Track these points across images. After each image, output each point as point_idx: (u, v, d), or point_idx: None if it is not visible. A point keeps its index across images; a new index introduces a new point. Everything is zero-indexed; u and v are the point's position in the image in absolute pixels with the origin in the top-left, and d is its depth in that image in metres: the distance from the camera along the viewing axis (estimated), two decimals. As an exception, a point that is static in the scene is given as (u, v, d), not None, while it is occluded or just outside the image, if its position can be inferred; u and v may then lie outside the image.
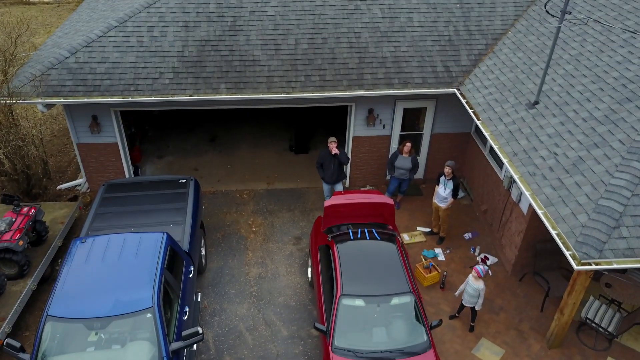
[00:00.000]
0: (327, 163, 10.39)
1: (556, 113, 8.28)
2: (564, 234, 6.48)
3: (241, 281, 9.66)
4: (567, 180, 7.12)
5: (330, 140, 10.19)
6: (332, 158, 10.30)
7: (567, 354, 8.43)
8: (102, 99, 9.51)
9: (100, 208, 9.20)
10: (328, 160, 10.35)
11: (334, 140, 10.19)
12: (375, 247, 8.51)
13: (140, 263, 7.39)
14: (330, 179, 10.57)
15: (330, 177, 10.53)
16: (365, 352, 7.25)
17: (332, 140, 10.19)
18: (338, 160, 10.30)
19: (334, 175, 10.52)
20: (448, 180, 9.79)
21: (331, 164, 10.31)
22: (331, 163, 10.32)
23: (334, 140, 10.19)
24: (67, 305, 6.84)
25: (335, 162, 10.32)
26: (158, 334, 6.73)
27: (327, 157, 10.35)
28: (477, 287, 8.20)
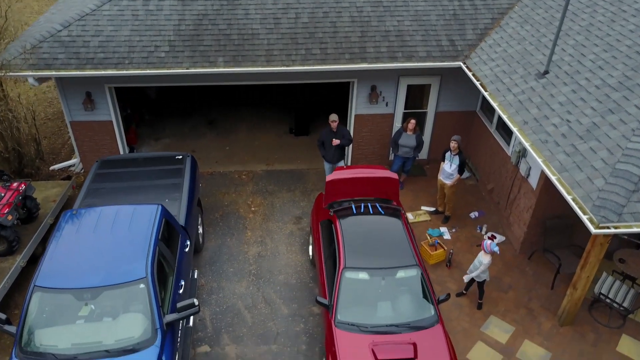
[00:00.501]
0: (328, 142, 10.06)
1: (567, 82, 7.96)
2: (580, 198, 6.15)
3: (240, 260, 9.31)
4: (582, 146, 6.80)
5: (332, 118, 9.86)
6: (333, 136, 9.97)
7: (579, 332, 8.09)
8: (96, 71, 9.16)
9: (93, 184, 8.85)
10: (329, 138, 10.02)
11: (335, 119, 9.85)
12: (379, 221, 8.17)
13: (134, 234, 7.04)
14: (331, 158, 10.24)
15: (332, 156, 10.20)
16: (370, 326, 6.91)
17: (333, 119, 9.86)
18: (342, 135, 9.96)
19: (335, 154, 10.18)
20: (454, 155, 9.46)
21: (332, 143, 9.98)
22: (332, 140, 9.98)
23: (334, 120, 9.85)
24: (55, 276, 6.50)
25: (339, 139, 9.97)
26: (151, 305, 6.39)
27: (329, 136, 10.02)
28: (481, 261, 7.87)
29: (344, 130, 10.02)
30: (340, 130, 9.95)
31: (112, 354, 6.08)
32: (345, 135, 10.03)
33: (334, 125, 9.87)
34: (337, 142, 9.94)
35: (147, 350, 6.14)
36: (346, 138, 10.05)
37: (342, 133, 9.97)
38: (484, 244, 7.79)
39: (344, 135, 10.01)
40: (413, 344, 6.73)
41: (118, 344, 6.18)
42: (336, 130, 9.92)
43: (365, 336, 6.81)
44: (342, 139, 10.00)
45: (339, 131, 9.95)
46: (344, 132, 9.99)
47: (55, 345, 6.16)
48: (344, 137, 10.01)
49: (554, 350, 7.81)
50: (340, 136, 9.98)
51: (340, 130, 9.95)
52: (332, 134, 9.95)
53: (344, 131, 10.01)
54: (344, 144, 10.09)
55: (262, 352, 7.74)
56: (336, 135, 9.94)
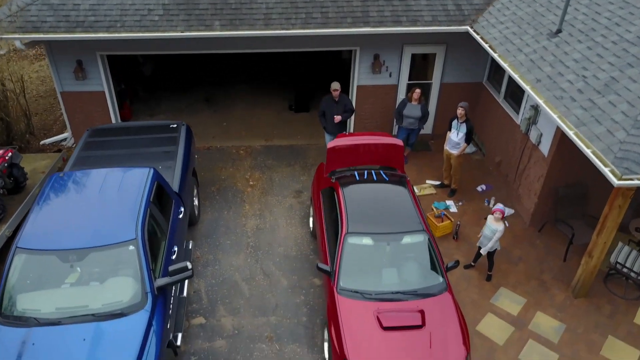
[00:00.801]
0: (329, 112, 9.63)
1: (582, 39, 7.55)
2: (600, 151, 5.74)
3: (237, 232, 8.90)
4: (600, 100, 6.38)
5: (333, 87, 9.43)
6: (335, 106, 9.54)
7: (595, 303, 7.68)
8: (86, 34, 8.73)
9: (82, 152, 8.43)
10: (331, 108, 9.59)
11: (337, 88, 9.41)
12: (383, 187, 7.76)
13: (123, 196, 6.63)
14: (333, 129, 9.81)
15: (333, 126, 9.77)
16: (375, 293, 6.49)
17: (335, 87, 9.43)
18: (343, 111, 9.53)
19: (336, 125, 9.76)
20: (461, 123, 9.04)
21: (334, 111, 9.55)
22: (334, 111, 9.56)
23: (336, 89, 9.40)
24: (39, 237, 6.08)
25: (339, 111, 9.57)
26: (141, 268, 5.97)
27: (330, 105, 9.60)
28: (495, 229, 7.46)
29: (346, 99, 9.60)
30: (342, 100, 9.53)
31: (99, 318, 5.66)
32: (347, 105, 9.60)
33: (336, 94, 9.45)
34: (339, 119, 9.51)
35: (136, 314, 5.72)
36: (348, 109, 9.63)
37: (343, 102, 9.55)
38: (498, 207, 7.38)
39: (346, 105, 9.59)
40: (420, 311, 6.33)
41: (105, 308, 5.76)
42: (338, 100, 9.50)
43: (370, 303, 6.40)
44: (343, 110, 9.57)
45: (341, 100, 9.53)
46: (345, 102, 9.57)
47: (38, 310, 5.75)
48: (345, 107, 9.58)
49: (568, 322, 7.40)
50: (342, 106, 9.56)
51: (342, 100, 9.53)
52: (334, 104, 9.53)
53: (346, 100, 9.59)
54: (346, 117, 9.67)
55: (260, 323, 7.33)
56: (338, 104, 9.52)
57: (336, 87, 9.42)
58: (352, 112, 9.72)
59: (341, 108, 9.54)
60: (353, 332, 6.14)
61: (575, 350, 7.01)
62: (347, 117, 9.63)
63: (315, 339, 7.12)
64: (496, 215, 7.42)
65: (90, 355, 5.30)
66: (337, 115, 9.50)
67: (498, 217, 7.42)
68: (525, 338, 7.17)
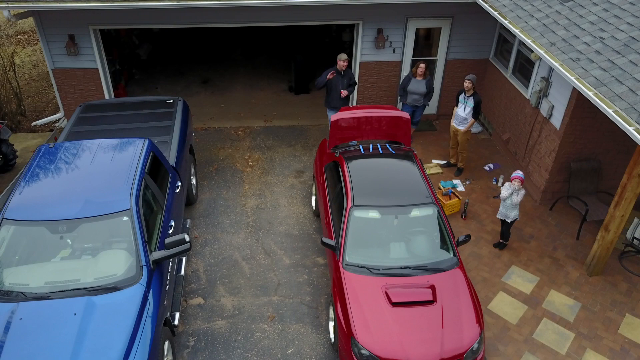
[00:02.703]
0: (333, 83, 9.15)
1: (597, 2, 7.20)
2: (623, 110, 5.40)
3: (237, 212, 8.54)
4: (620, 60, 6.04)
5: (341, 57, 8.87)
6: (340, 79, 9.11)
7: (610, 281, 7.36)
8: (77, 4, 8.34)
9: (75, 127, 8.06)
10: (335, 80, 9.13)
11: (345, 58, 8.89)
12: (389, 161, 7.41)
13: (117, 166, 6.27)
14: (337, 103, 9.38)
15: (337, 101, 9.32)
16: (382, 268, 6.15)
17: (343, 58, 8.87)
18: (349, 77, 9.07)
19: (340, 100, 9.36)
20: (468, 97, 8.69)
21: (338, 85, 9.13)
22: (338, 83, 9.13)
23: (345, 59, 8.89)
24: (27, 207, 5.71)
25: (344, 83, 9.10)
26: (136, 240, 5.62)
27: (335, 78, 9.14)
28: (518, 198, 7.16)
29: (350, 73, 9.21)
30: (347, 74, 9.15)
31: (91, 292, 5.31)
32: (352, 78, 9.20)
33: (344, 65, 8.95)
34: (345, 94, 9.11)
35: (131, 288, 5.36)
36: (353, 82, 9.22)
37: (349, 76, 9.16)
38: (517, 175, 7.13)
39: (351, 78, 9.18)
40: (431, 286, 5.99)
41: (98, 281, 5.41)
42: (344, 73, 9.10)
43: (378, 279, 6.06)
44: (348, 84, 9.17)
45: (346, 74, 9.13)
46: (350, 75, 9.18)
47: (26, 284, 5.38)
48: (350, 80, 9.17)
49: (584, 300, 7.08)
50: (347, 79, 9.13)
51: (347, 74, 9.15)
52: (339, 77, 9.13)
53: (350, 74, 9.20)
54: (351, 92, 9.26)
55: (262, 303, 6.98)
56: (343, 78, 9.13)
57: (344, 58, 8.92)
58: (355, 85, 9.33)
59: (346, 81, 9.15)
60: (360, 308, 5.80)
61: (592, 328, 6.69)
62: (351, 92, 9.25)
63: (319, 318, 6.78)
64: (515, 182, 7.11)
65: (80, 330, 4.95)
66: (344, 90, 9.11)
67: (517, 184, 7.12)
68: (539, 316, 6.85)
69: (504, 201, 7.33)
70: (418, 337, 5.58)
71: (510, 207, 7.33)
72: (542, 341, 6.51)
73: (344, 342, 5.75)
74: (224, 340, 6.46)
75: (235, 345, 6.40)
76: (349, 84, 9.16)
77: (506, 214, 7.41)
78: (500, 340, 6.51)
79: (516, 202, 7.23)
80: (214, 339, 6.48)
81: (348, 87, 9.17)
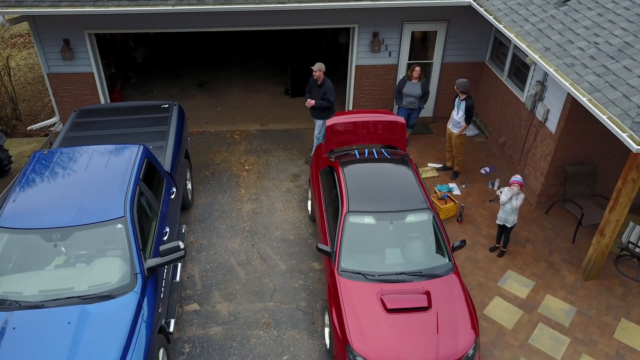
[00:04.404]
0: (314, 92, 9.04)
1: (592, 7, 7.21)
2: (617, 116, 5.40)
3: (233, 216, 8.53)
4: (614, 65, 6.05)
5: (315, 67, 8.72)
6: (316, 89, 8.98)
7: (606, 285, 7.36)
8: (72, 8, 8.32)
9: (70, 132, 8.04)
10: (311, 89, 9.04)
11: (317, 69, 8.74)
12: (385, 166, 7.41)
13: (111, 173, 6.25)
14: (313, 113, 9.26)
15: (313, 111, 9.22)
16: (377, 274, 6.15)
17: (316, 68, 8.73)
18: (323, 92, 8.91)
19: (315, 110, 9.18)
20: (461, 100, 8.69)
21: (318, 95, 8.98)
22: (312, 94, 9.02)
23: (316, 70, 8.74)
24: (21, 215, 5.69)
25: (319, 96, 9.00)
26: (130, 247, 5.60)
27: (311, 87, 9.04)
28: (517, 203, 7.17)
29: (329, 87, 8.89)
30: (324, 84, 8.90)
31: (85, 300, 5.29)
32: (328, 92, 8.87)
33: (317, 75, 8.80)
34: (311, 104, 8.96)
35: (125, 296, 5.34)
36: (327, 97, 8.88)
37: (324, 88, 8.90)
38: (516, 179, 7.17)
39: (326, 92, 8.89)
40: (426, 292, 5.99)
41: (92, 290, 5.39)
42: (320, 83, 8.92)
43: (373, 285, 6.06)
44: (322, 97, 8.90)
45: (324, 84, 8.91)
46: (327, 89, 8.90)
47: (20, 292, 5.36)
48: (325, 94, 8.91)
49: (579, 305, 7.08)
50: (322, 93, 8.92)
51: (324, 84, 8.90)
52: (315, 86, 8.99)
53: (328, 88, 8.89)
54: (322, 105, 8.95)
55: (257, 309, 6.97)
56: (319, 88, 8.96)
57: (317, 68, 8.76)
58: (330, 103, 8.97)
59: (321, 94, 8.93)
60: (355, 315, 5.80)
61: (587, 333, 6.70)
62: (320, 105, 8.98)
63: (315, 324, 6.78)
64: (514, 187, 7.12)
65: (75, 339, 4.93)
66: (311, 100, 8.96)
67: (516, 189, 7.13)
68: (535, 321, 6.85)
69: (504, 206, 7.34)
70: (413, 343, 5.58)
71: (509, 212, 7.33)
72: (537, 346, 6.51)
73: (339, 349, 5.74)
74: (220, 347, 6.45)
75: (231, 352, 6.39)
76: (322, 97, 8.93)
77: (506, 218, 7.41)
78: (496, 346, 6.51)
79: (516, 206, 7.24)
80: (209, 346, 6.47)
81: (319, 100, 8.96)
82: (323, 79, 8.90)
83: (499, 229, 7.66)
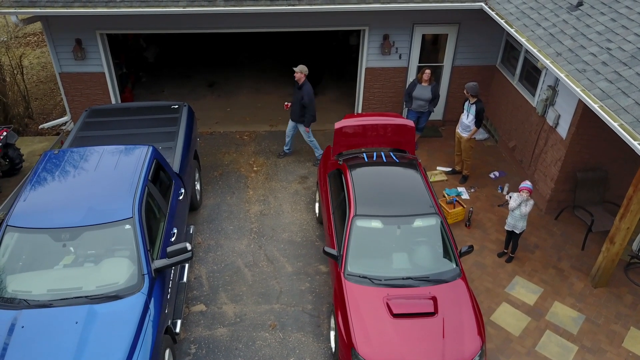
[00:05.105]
0: (294, 95, 9.11)
1: (605, 11, 7.14)
2: (628, 124, 5.34)
3: (240, 218, 8.55)
4: (626, 72, 5.99)
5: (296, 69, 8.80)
6: (296, 90, 9.05)
7: (615, 293, 7.29)
8: (84, 9, 8.39)
9: (80, 132, 8.10)
10: (295, 91, 9.07)
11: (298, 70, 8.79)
12: (393, 169, 7.40)
13: (120, 174, 6.30)
14: (291, 114, 9.33)
15: (294, 113, 9.26)
16: (384, 278, 6.13)
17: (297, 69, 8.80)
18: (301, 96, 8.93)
19: (294, 112, 9.22)
20: (471, 104, 8.64)
21: (297, 98, 9.03)
22: (297, 96, 9.04)
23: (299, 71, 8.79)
24: (31, 215, 5.75)
25: (297, 98, 9.04)
26: (138, 248, 5.64)
27: (294, 89, 9.09)
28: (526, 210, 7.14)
29: (308, 91, 8.89)
30: (303, 87, 8.91)
31: (93, 300, 5.33)
32: (305, 96, 8.87)
33: (297, 77, 8.82)
34: (287, 106, 9.19)
35: (132, 297, 5.38)
36: (304, 100, 8.88)
37: (302, 93, 8.91)
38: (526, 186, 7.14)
39: (303, 97, 8.89)
40: (433, 298, 5.96)
41: (100, 290, 5.43)
42: (300, 86, 8.93)
43: (379, 289, 6.04)
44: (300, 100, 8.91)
45: (303, 87, 8.92)
46: (305, 93, 8.89)
47: (29, 291, 5.42)
48: (302, 99, 8.90)
49: (588, 312, 7.01)
50: (299, 96, 8.95)
51: (303, 87, 8.91)
52: (296, 88, 9.00)
53: (307, 92, 8.88)
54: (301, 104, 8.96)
55: (264, 311, 6.99)
56: (300, 90, 8.94)
57: (298, 70, 8.80)
58: (303, 107, 8.98)
59: (299, 98, 8.94)
60: (361, 319, 5.79)
61: (595, 341, 6.63)
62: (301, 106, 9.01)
63: (320, 327, 6.78)
64: (524, 193, 7.08)
65: (82, 339, 4.97)
66: (288, 103, 9.18)
67: (525, 195, 7.09)
68: (542, 328, 6.80)
69: (512, 212, 7.29)
70: (419, 349, 5.56)
71: (518, 218, 7.29)
72: (544, 354, 6.46)
73: (345, 353, 5.74)
74: (225, 348, 6.47)
75: (237, 354, 6.41)
76: (301, 103, 8.93)
77: (514, 224, 7.36)
78: (503, 353, 6.47)
79: (525, 212, 7.19)
80: (215, 347, 6.49)
81: (301, 101, 8.93)
82: (303, 82, 8.91)
83: (508, 234, 7.62)
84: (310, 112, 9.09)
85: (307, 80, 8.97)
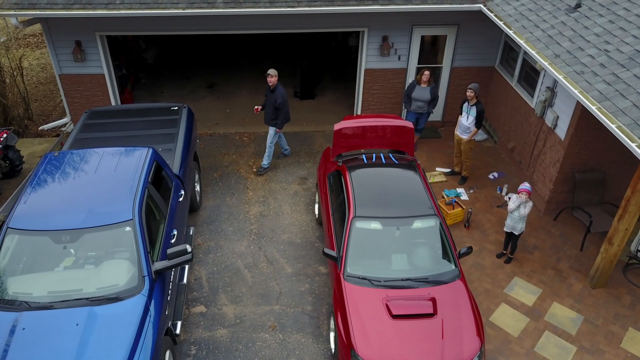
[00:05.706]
0: (267, 98, 9.15)
1: (603, 13, 7.16)
2: (626, 125, 5.37)
3: (240, 219, 8.58)
4: (624, 74, 6.01)
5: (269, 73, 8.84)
6: (268, 94, 9.06)
7: (614, 294, 7.31)
8: (84, 11, 8.41)
9: (80, 134, 8.12)
10: (268, 95, 9.09)
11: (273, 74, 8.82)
12: (392, 171, 7.42)
13: (120, 176, 6.32)
14: (264, 118, 9.35)
15: (265, 116, 9.29)
16: (383, 280, 6.15)
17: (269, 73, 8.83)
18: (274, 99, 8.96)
19: (267, 114, 9.22)
20: (471, 106, 8.66)
21: (270, 101, 9.06)
22: (270, 100, 9.06)
23: (271, 74, 8.82)
24: (31, 217, 5.77)
25: (269, 103, 9.06)
26: (138, 250, 5.66)
27: (267, 92, 9.11)
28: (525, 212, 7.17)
29: (280, 95, 8.91)
30: (276, 90, 8.93)
31: (93, 302, 5.35)
32: (278, 98, 8.90)
33: (269, 80, 8.85)
34: (257, 109, 9.23)
35: (132, 299, 5.40)
36: (277, 103, 8.91)
37: (275, 95, 8.93)
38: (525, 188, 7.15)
39: (276, 100, 8.91)
40: (432, 299, 5.99)
41: (100, 292, 5.45)
42: (273, 89, 8.94)
43: (378, 291, 6.07)
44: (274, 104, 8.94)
45: (276, 91, 8.93)
46: (277, 97, 8.91)
47: (30, 293, 5.44)
48: (275, 102, 8.92)
49: (586, 313, 7.04)
50: (272, 100, 8.97)
51: (276, 90, 8.93)
52: (268, 92, 9.04)
53: (279, 96, 8.91)
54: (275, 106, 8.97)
55: (263, 312, 7.01)
56: (272, 93, 8.97)
57: (273, 73, 8.82)
58: (275, 110, 8.99)
59: (272, 101, 8.96)
60: (361, 320, 5.81)
61: (594, 342, 6.66)
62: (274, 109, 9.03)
63: (320, 328, 6.80)
64: (523, 195, 7.11)
65: (82, 341, 4.99)
66: (258, 107, 9.23)
67: (524, 197, 7.12)
68: (541, 329, 6.82)
69: (511, 213, 7.31)
70: (418, 350, 5.58)
71: (517, 220, 7.31)
72: (543, 354, 6.48)
73: (344, 354, 5.76)
74: (225, 350, 6.49)
75: (237, 355, 6.43)
76: (275, 105, 8.95)
77: (513, 226, 7.39)
78: (502, 353, 6.50)
79: (523, 214, 7.22)
80: (215, 348, 6.51)
81: (274, 104, 8.95)
82: (276, 85, 8.93)
83: (507, 235, 7.64)
84: (284, 114, 9.10)
85: (279, 83, 9.01)
